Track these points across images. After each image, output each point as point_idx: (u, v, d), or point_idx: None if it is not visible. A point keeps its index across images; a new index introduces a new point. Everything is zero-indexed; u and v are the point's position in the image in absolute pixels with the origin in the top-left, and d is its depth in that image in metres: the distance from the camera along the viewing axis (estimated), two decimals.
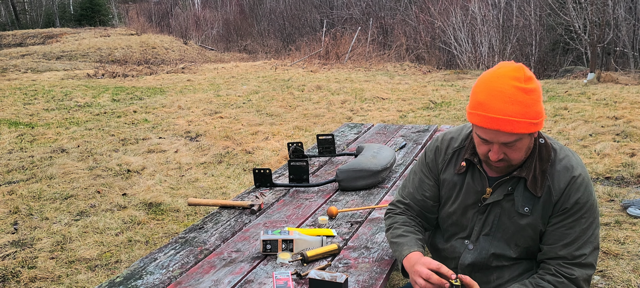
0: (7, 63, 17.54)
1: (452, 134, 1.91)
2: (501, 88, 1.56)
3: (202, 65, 17.44)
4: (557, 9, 14.49)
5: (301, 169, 2.92)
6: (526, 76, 1.57)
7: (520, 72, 1.58)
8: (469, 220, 1.81)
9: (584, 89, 10.43)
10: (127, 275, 1.94)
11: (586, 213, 1.68)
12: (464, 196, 1.81)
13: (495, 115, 1.56)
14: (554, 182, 1.68)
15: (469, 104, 1.66)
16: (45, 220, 4.35)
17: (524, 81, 1.56)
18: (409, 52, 17.16)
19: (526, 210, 1.71)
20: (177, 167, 5.80)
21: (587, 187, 1.68)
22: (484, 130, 1.62)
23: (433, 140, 1.96)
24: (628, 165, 5.38)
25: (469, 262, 1.81)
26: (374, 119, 8.04)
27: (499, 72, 1.60)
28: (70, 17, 33.06)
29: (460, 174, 1.83)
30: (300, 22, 22.64)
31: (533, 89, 1.57)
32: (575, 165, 1.69)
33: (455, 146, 1.87)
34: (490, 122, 1.57)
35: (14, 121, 8.23)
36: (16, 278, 3.42)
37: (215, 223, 2.43)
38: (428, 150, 1.95)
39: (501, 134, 1.58)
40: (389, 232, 1.95)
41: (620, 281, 3.24)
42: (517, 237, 1.74)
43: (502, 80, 1.57)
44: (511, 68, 1.59)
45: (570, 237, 1.68)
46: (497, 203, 1.75)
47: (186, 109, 9.19)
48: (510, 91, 1.55)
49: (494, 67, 1.66)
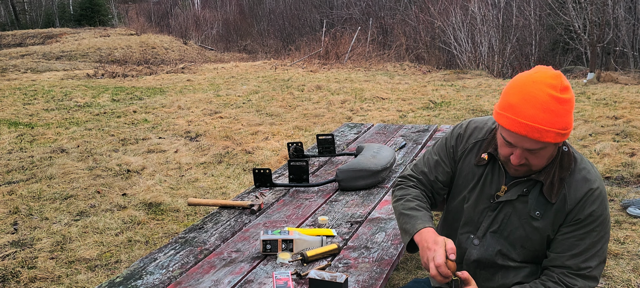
0: (6, 63, 17.54)
1: (477, 123, 1.86)
2: (536, 94, 1.52)
3: (202, 65, 17.44)
4: (556, 8, 14.49)
5: (301, 169, 2.92)
6: (563, 85, 1.53)
7: (557, 80, 1.53)
8: (478, 214, 1.79)
9: (583, 88, 10.43)
10: (127, 275, 1.94)
11: (598, 227, 1.66)
12: (480, 190, 1.78)
13: (524, 121, 1.52)
14: (571, 191, 1.66)
15: (499, 103, 1.62)
16: (45, 220, 4.35)
17: (560, 90, 1.52)
18: (408, 52, 17.16)
19: (537, 214, 1.69)
20: (177, 167, 5.80)
21: (603, 201, 1.66)
22: (510, 133, 1.58)
23: (457, 126, 1.91)
24: (628, 164, 5.38)
25: (474, 258, 1.79)
26: (373, 119, 8.04)
27: (536, 77, 1.55)
28: (69, 17, 33.06)
29: (480, 166, 1.79)
30: (300, 22, 22.64)
31: (567, 99, 1.53)
32: (594, 178, 1.67)
33: (479, 137, 1.82)
34: (519, 126, 1.54)
35: (13, 121, 8.23)
36: (16, 278, 3.42)
37: (215, 223, 2.43)
38: (450, 135, 1.90)
39: (527, 140, 1.55)
40: (400, 203, 1.88)
41: (620, 281, 3.24)
42: (524, 240, 1.73)
43: (538, 86, 1.53)
44: (549, 74, 1.55)
45: (579, 248, 1.66)
46: (510, 202, 1.72)
47: (186, 109, 9.19)
48: (544, 98, 1.51)
49: (531, 70, 1.61)
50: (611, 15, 13.87)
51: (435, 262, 1.59)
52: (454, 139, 1.87)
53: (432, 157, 1.91)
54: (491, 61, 15.40)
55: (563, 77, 1.55)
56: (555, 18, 15.00)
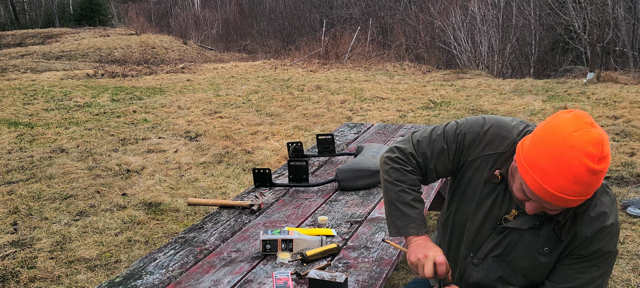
0: (6, 63, 17.53)
1: (500, 129, 1.61)
2: (571, 163, 1.32)
3: (202, 65, 17.43)
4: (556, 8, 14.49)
5: (301, 169, 2.92)
6: (603, 154, 1.33)
7: (598, 147, 1.32)
8: (482, 235, 1.66)
9: (583, 88, 10.43)
10: (126, 275, 1.94)
11: (601, 263, 1.55)
12: (488, 209, 1.62)
13: (551, 190, 1.35)
14: (583, 228, 1.52)
15: (524, 152, 1.41)
16: (45, 220, 4.34)
17: (598, 161, 1.32)
18: (408, 52, 17.16)
19: (546, 250, 1.57)
20: (176, 167, 5.80)
21: (612, 238, 1.52)
22: (531, 192, 1.41)
23: (477, 123, 1.65)
24: (628, 164, 5.38)
25: (473, 281, 1.71)
26: (373, 119, 8.04)
27: (575, 141, 1.32)
28: (69, 17, 33.05)
29: (492, 183, 1.60)
30: (300, 22, 22.64)
31: (603, 170, 1.34)
32: (608, 213, 1.52)
33: (499, 149, 1.60)
34: (544, 193, 1.37)
35: (13, 121, 8.22)
36: (16, 278, 3.42)
37: (214, 223, 2.43)
38: (467, 129, 1.65)
39: (549, 204, 1.40)
40: (395, 189, 1.72)
41: (619, 280, 3.25)
42: (527, 270, 1.63)
43: (576, 154, 1.31)
44: (590, 140, 1.32)
45: (576, 282, 1.57)
46: (518, 230, 1.59)
47: (186, 108, 9.19)
48: (580, 170, 1.32)
49: (568, 119, 1.36)
50: (611, 15, 13.87)
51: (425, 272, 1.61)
52: (470, 136, 1.64)
53: (439, 143, 1.68)
54: (491, 61, 15.41)
55: (605, 143, 1.34)
56: (555, 18, 15.00)
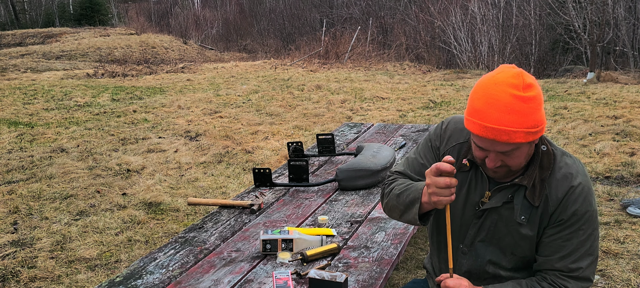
0: (6, 63, 17.53)
1: (458, 123, 1.78)
2: (498, 96, 1.49)
3: (202, 64, 17.43)
4: (556, 8, 14.49)
5: (301, 169, 2.92)
6: (525, 83, 1.50)
7: (518, 79, 1.50)
8: (464, 222, 1.75)
9: (583, 88, 10.43)
10: (127, 274, 1.94)
11: (584, 225, 1.62)
12: (465, 197, 1.73)
13: (491, 125, 1.50)
14: (552, 192, 1.62)
15: (467, 109, 1.59)
16: (45, 220, 4.35)
17: (522, 89, 1.49)
18: (408, 52, 17.16)
19: (523, 219, 1.65)
20: (176, 167, 5.80)
21: (586, 197, 1.61)
22: (479, 138, 1.56)
23: (438, 124, 1.85)
24: (628, 164, 5.38)
25: (465, 269, 1.77)
26: (373, 119, 8.04)
27: (497, 79, 1.52)
28: (69, 16, 33.04)
29: (462, 172, 1.72)
30: (300, 22, 22.63)
31: (532, 97, 1.50)
32: (574, 173, 1.62)
33: (460, 140, 1.76)
34: (486, 131, 1.51)
35: (13, 121, 8.22)
36: (16, 278, 3.42)
37: (215, 222, 2.43)
38: (433, 133, 1.84)
39: (497, 143, 1.53)
40: (393, 190, 1.81)
41: (619, 280, 3.25)
42: (513, 246, 1.69)
43: (500, 87, 1.50)
44: (510, 74, 1.52)
45: (566, 249, 1.63)
46: (495, 209, 1.68)
47: (186, 108, 9.19)
48: (507, 100, 1.49)
49: (493, 71, 1.58)
50: (611, 14, 13.87)
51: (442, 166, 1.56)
52: (436, 138, 1.82)
53: (418, 160, 1.85)
54: (491, 61, 15.40)
55: (525, 75, 1.52)
56: (555, 17, 15.00)
